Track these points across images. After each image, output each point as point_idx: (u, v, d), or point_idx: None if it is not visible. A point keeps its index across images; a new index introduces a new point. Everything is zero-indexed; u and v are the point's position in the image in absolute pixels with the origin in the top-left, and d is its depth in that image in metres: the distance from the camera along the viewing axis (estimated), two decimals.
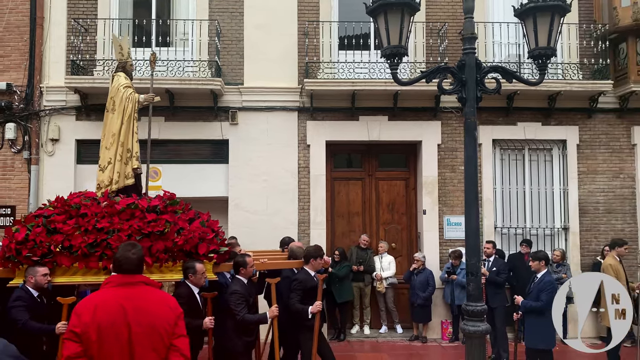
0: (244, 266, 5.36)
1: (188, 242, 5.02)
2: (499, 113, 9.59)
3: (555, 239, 9.66)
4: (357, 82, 8.98)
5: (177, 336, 2.79)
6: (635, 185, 9.62)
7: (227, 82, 9.33)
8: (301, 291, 5.67)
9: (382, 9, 4.54)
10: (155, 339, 2.71)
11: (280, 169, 9.30)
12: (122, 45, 6.07)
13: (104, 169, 5.68)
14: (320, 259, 5.89)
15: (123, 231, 4.89)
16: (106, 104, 5.88)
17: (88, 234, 4.85)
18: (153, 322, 2.72)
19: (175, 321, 2.81)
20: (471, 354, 4.45)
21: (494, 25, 9.41)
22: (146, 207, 5.11)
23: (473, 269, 4.46)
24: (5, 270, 4.98)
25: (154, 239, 4.94)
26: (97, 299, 2.78)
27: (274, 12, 9.46)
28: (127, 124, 5.72)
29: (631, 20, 9.02)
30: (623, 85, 9.34)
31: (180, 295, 4.93)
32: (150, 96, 6.01)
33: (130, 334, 2.67)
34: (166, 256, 5.00)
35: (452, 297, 8.72)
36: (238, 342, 5.21)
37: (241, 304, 5.17)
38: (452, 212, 9.42)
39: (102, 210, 5.02)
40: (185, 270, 5.01)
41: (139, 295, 2.79)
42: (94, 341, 2.63)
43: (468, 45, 4.60)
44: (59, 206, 5.12)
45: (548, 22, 4.49)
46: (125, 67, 6.02)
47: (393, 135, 9.50)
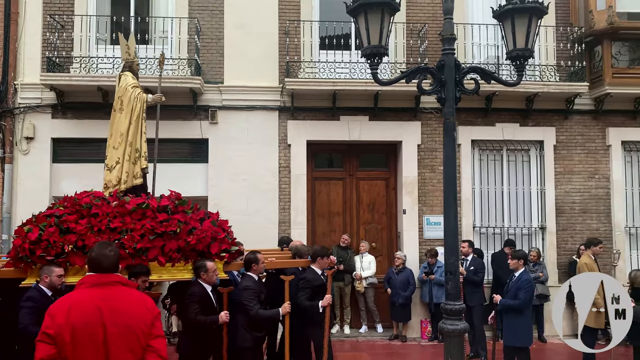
0: (255, 262, 5.44)
1: (201, 242, 5.06)
2: (477, 114, 9.69)
3: (533, 239, 9.80)
4: (338, 82, 8.99)
5: (154, 337, 2.74)
6: (609, 185, 9.81)
7: (207, 80, 9.25)
8: (310, 289, 5.75)
9: (362, 9, 4.54)
10: (131, 339, 2.67)
11: (261, 168, 9.26)
12: (129, 44, 6.05)
13: (111, 168, 5.66)
14: (327, 258, 6.02)
15: (136, 231, 4.89)
16: (113, 104, 5.85)
17: (101, 234, 4.84)
18: (129, 323, 2.68)
19: (152, 321, 2.76)
20: (450, 352, 4.48)
21: (473, 27, 9.51)
22: (157, 207, 5.13)
23: (451, 267, 4.49)
24: (17, 271, 4.92)
25: (167, 238, 4.98)
26: (71, 300, 2.72)
27: (255, 11, 9.41)
28: (135, 124, 5.71)
29: (606, 24, 9.20)
30: (598, 87, 9.53)
31: (194, 293, 5.00)
32: (158, 96, 6.03)
33: (105, 335, 2.62)
34: (179, 255, 5.03)
35: (430, 296, 8.80)
36: (248, 337, 5.28)
37: (254, 299, 5.25)
38: (431, 212, 9.49)
39: (114, 210, 5.02)
40: (197, 269, 5.06)
41: (115, 295, 2.74)
42: (68, 342, 2.58)
43: (447, 45, 4.63)
44: (69, 205, 5.08)
45: (526, 23, 4.54)
46: (132, 67, 6.03)
47: (373, 135, 9.53)
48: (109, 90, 8.91)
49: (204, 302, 5.04)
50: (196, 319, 4.98)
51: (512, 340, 6.30)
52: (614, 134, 9.83)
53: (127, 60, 6.02)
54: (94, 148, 9.36)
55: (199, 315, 4.98)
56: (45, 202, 8.94)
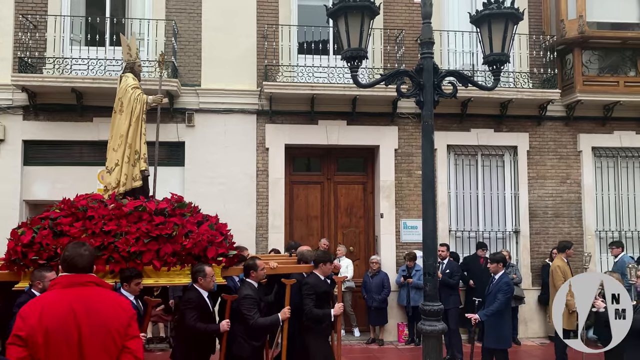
0: (254, 269, 5.30)
1: (197, 246, 4.92)
2: (453, 119, 9.84)
3: (507, 242, 9.97)
4: (316, 86, 9.02)
5: (130, 337, 2.69)
6: (580, 190, 10.06)
7: (184, 83, 9.17)
8: (314, 295, 5.55)
9: (342, 12, 4.57)
10: (107, 340, 2.61)
11: (238, 172, 9.21)
12: (130, 45, 5.96)
13: (111, 170, 5.55)
14: (330, 264, 5.82)
15: (131, 234, 4.78)
16: (114, 105, 5.76)
17: (95, 237, 4.72)
18: (104, 324, 2.62)
19: (128, 322, 2.70)
20: (428, 353, 4.51)
21: (449, 33, 9.67)
22: (154, 210, 5.02)
23: (430, 269, 4.54)
24: (10, 274, 4.80)
25: (162, 242, 4.84)
26: (44, 301, 2.65)
27: (233, 14, 9.39)
28: (135, 126, 5.59)
29: (577, 33, 9.46)
30: (570, 94, 9.78)
31: (191, 299, 4.87)
32: (158, 97, 5.92)
33: (80, 337, 2.56)
34: (174, 259, 4.88)
35: (408, 299, 8.86)
36: (246, 347, 5.16)
37: (253, 308, 5.12)
38: (408, 216, 9.57)
39: (110, 213, 4.92)
40: (195, 274, 4.90)
41: (90, 296, 2.68)
42: (41, 345, 2.51)
43: (426, 49, 4.70)
44: (65, 208, 4.98)
45: (502, 29, 4.64)
46: (134, 68, 5.91)
47: (351, 140, 9.58)
48: (83, 91, 8.78)
49: (201, 309, 4.91)
50: (195, 327, 4.84)
51: (492, 342, 6.36)
52: (585, 140, 10.09)
53: (129, 62, 5.94)
54: (66, 151, 9.21)
55: (199, 323, 4.85)
56: (16, 206, 8.74)
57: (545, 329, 9.49)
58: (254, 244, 8.92)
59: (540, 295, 9.53)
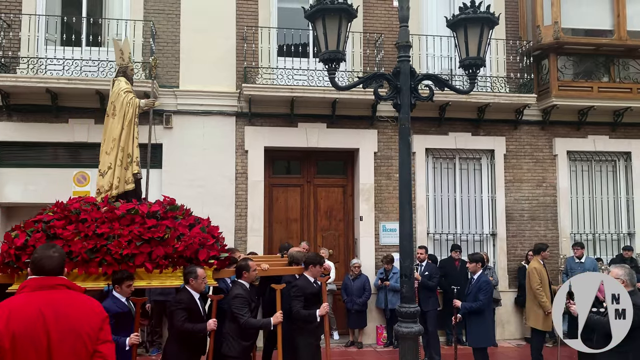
0: (246, 270, 5.39)
1: (188, 248, 5.00)
2: (431, 123, 9.92)
3: (484, 245, 10.07)
4: (296, 89, 9.02)
5: (102, 342, 2.63)
6: (556, 193, 10.22)
7: (162, 84, 9.08)
8: (302, 297, 5.61)
9: (320, 14, 4.58)
10: (77, 345, 2.55)
11: (217, 174, 9.14)
12: (122, 49, 5.96)
13: (103, 174, 5.58)
14: (320, 266, 5.86)
15: (123, 237, 4.84)
16: (107, 109, 5.78)
17: (88, 240, 4.77)
18: (75, 327, 2.56)
19: (100, 326, 2.64)
20: (405, 355, 4.53)
21: (428, 38, 9.75)
22: (146, 213, 5.07)
23: (407, 271, 4.56)
24: (3, 276, 4.81)
25: (154, 244, 4.91)
26: (12, 305, 2.58)
27: (212, 16, 9.33)
28: (127, 129, 5.64)
29: (552, 39, 9.63)
30: (545, 99, 9.94)
31: (182, 301, 4.93)
32: (151, 101, 6.00)
33: (49, 341, 2.50)
34: (166, 262, 4.95)
35: (386, 302, 8.89)
36: (236, 346, 5.22)
37: (244, 307, 5.19)
38: (387, 219, 9.62)
39: (102, 216, 4.96)
40: (187, 275, 4.97)
41: (60, 299, 2.61)
42: (8, 350, 2.44)
43: (403, 53, 4.73)
44: (58, 211, 5.01)
45: (478, 33, 4.70)
46: (126, 72, 5.95)
47: (331, 143, 9.59)
48: (58, 92, 8.62)
49: (192, 310, 4.97)
50: (183, 327, 4.91)
51: (476, 341, 6.46)
52: (560, 144, 10.27)
53: (121, 66, 5.96)
54: (41, 152, 9.03)
55: (186, 323, 4.91)
56: None
57: (522, 330, 9.62)
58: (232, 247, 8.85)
59: (516, 297, 9.64)
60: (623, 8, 9.90)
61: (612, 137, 10.45)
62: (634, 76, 10.11)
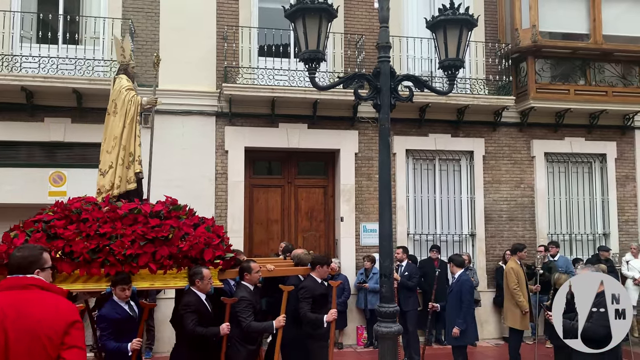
0: (248, 272, 5.32)
1: (193, 248, 4.89)
2: (412, 124, 9.98)
3: (463, 245, 10.16)
4: (276, 89, 8.98)
5: (68, 347, 2.48)
6: (534, 194, 10.36)
7: (141, 83, 8.92)
8: (310, 299, 5.54)
9: (300, 14, 4.57)
10: (35, 347, 2.42)
11: (197, 175, 9.05)
12: (124, 47, 5.87)
13: (104, 173, 5.48)
14: (327, 267, 5.81)
15: (126, 236, 4.72)
16: (107, 107, 5.68)
17: (90, 240, 4.65)
18: (33, 329, 2.45)
19: (66, 330, 2.49)
20: (384, 355, 4.53)
21: (408, 39, 9.81)
22: (149, 212, 4.98)
23: (386, 270, 4.57)
24: (2, 277, 4.56)
25: (158, 244, 4.81)
26: None
27: (192, 15, 9.25)
28: (129, 127, 5.56)
29: (530, 42, 9.77)
30: (523, 101, 10.08)
31: (190, 303, 4.82)
32: (153, 99, 5.91)
33: (6, 341, 2.41)
34: (171, 262, 4.85)
35: (366, 302, 8.91)
36: (241, 350, 5.15)
37: (248, 310, 5.12)
38: (368, 219, 9.64)
39: (104, 216, 4.84)
40: (192, 277, 4.87)
41: (27, 299, 2.52)
42: None
43: (383, 53, 4.74)
44: (59, 211, 4.88)
45: (457, 35, 4.73)
46: (127, 70, 5.86)
47: (312, 143, 9.58)
48: (33, 90, 8.46)
49: (201, 312, 4.87)
50: (195, 331, 4.78)
51: (455, 339, 6.53)
52: (538, 145, 10.42)
53: (122, 63, 5.87)
54: (16, 152, 8.84)
55: (198, 327, 4.79)
56: None
57: (500, 330, 9.72)
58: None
59: (495, 297, 9.74)
60: (599, 13, 10.10)
61: (588, 139, 10.64)
62: (609, 79, 10.31)
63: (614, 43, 10.21)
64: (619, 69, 10.35)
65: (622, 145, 10.78)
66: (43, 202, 8.43)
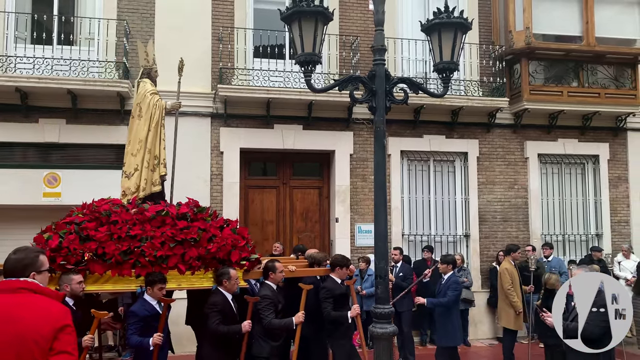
0: (273, 271, 5.47)
1: (221, 250, 5.04)
2: (407, 126, 10.02)
3: (458, 246, 10.22)
4: (272, 90, 9.00)
5: (56, 352, 2.42)
6: (527, 195, 10.44)
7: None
8: (331, 299, 5.75)
9: (296, 17, 4.59)
10: (22, 351, 2.38)
11: (192, 176, 9.04)
12: (147, 51, 5.97)
13: (129, 175, 5.57)
14: (347, 268, 5.98)
15: (156, 238, 4.83)
16: (132, 110, 5.79)
17: (121, 241, 4.77)
18: (21, 333, 2.40)
19: (54, 335, 2.43)
20: (379, 356, 4.56)
21: (403, 41, 9.85)
22: (176, 214, 5.08)
23: (381, 272, 4.59)
24: None
25: (187, 246, 4.95)
26: None
27: (187, 16, 9.26)
28: (154, 131, 5.68)
29: (524, 44, 9.83)
30: (517, 102, 10.15)
31: (216, 303, 4.96)
32: (177, 103, 6.08)
33: None
34: (199, 263, 4.99)
35: (361, 303, 8.88)
36: (265, 347, 5.27)
37: (269, 308, 5.26)
38: (363, 220, 9.67)
39: (133, 218, 4.94)
40: (220, 277, 5.03)
41: (17, 304, 2.49)
42: None
43: (378, 56, 4.77)
44: (87, 213, 4.97)
45: (452, 38, 4.77)
46: (151, 74, 5.99)
47: (307, 144, 9.60)
48: (28, 91, 8.44)
49: (226, 311, 5.01)
50: (218, 329, 4.92)
51: (443, 340, 6.56)
52: (531, 147, 10.49)
53: (146, 67, 5.97)
54: (10, 152, 8.82)
55: (220, 326, 4.92)
56: None
57: (494, 330, 9.78)
58: None
59: (489, 297, 9.80)
60: (592, 15, 10.18)
61: (581, 141, 10.72)
62: (602, 81, 10.40)
63: (607, 45, 10.30)
64: (611, 70, 10.44)
65: (614, 146, 10.87)
66: (37, 204, 8.46)
